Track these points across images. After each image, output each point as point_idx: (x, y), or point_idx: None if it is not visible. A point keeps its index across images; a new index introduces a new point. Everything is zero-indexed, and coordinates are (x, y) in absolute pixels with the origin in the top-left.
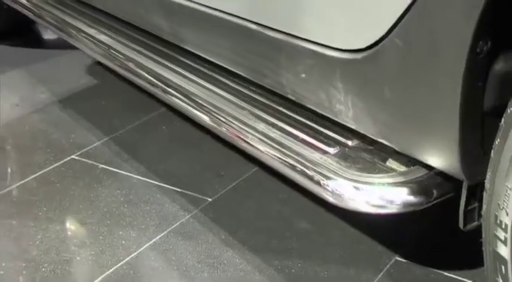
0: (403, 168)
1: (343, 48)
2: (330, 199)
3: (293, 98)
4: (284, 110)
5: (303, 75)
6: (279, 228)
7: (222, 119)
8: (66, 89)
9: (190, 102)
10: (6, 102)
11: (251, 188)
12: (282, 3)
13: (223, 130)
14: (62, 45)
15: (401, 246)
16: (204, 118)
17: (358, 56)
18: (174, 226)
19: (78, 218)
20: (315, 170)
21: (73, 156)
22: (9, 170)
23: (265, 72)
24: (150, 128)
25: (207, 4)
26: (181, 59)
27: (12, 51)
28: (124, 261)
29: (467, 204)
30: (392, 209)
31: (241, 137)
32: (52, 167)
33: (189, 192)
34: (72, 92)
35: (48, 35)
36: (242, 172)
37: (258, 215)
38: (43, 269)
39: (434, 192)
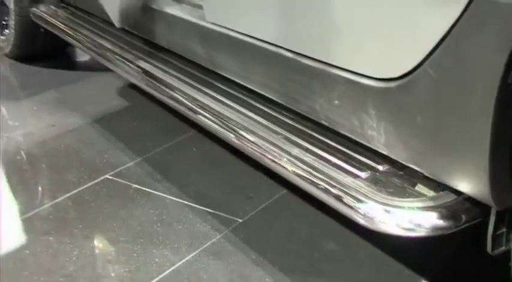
0: (432, 193)
1: (377, 77)
2: (362, 221)
3: (326, 124)
4: (317, 135)
5: (337, 102)
6: (307, 250)
7: (257, 143)
8: (98, 110)
9: (225, 126)
10: (42, 122)
11: (280, 210)
12: (317, 32)
13: (258, 154)
14: (93, 67)
15: (428, 269)
16: (239, 142)
17: (392, 84)
18: (205, 245)
19: (113, 236)
20: (347, 193)
21: (107, 176)
22: (45, 188)
23: (300, 98)
24: (181, 150)
25: (245, 32)
26: (217, 84)
27: (47, 73)
28: (157, 278)
29: (495, 229)
30: (421, 233)
31: (276, 160)
32: (86, 186)
33: (220, 213)
34: (104, 113)
35: (81, 57)
36: (271, 194)
37: (288, 236)
38: None
39: (463, 217)
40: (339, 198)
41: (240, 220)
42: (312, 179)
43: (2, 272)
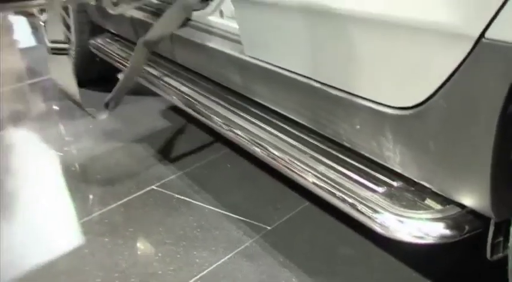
0: (439, 207)
1: (394, 105)
2: (378, 230)
3: (348, 145)
4: (340, 155)
5: (358, 126)
6: (328, 254)
7: (287, 160)
8: (144, 129)
9: (259, 145)
10: (95, 138)
11: (304, 220)
12: (342, 66)
13: (287, 170)
14: (140, 91)
15: (434, 273)
16: (271, 159)
17: (407, 112)
18: (239, 249)
19: (159, 239)
20: (366, 205)
21: (153, 187)
22: (99, 196)
23: (326, 123)
24: (217, 166)
25: (278, 64)
26: (252, 109)
27: (101, 95)
28: (198, 276)
29: (494, 238)
30: (429, 240)
31: (304, 176)
32: (135, 195)
33: (252, 221)
34: (150, 132)
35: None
36: (296, 206)
37: (310, 242)
38: (132, 280)
39: (466, 227)
40: (359, 209)
41: (269, 227)
42: (335, 192)
43: (65, 268)
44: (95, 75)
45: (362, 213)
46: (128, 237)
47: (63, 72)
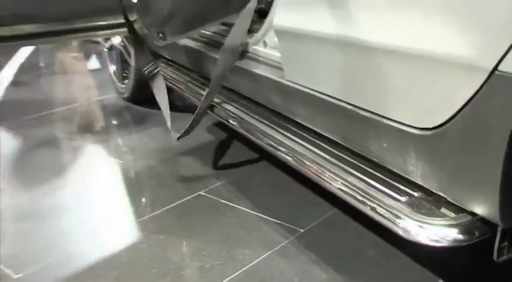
0: (453, 215)
1: (417, 126)
2: (401, 233)
3: (376, 160)
4: (369, 169)
5: (385, 144)
6: (353, 255)
7: (321, 172)
8: (193, 142)
9: (296, 158)
10: (150, 150)
11: (332, 224)
12: (371, 90)
13: (321, 180)
14: (188, 109)
15: (446, 272)
16: (306, 170)
17: (428, 133)
18: (276, 248)
19: (206, 237)
20: (391, 212)
21: (200, 192)
22: (153, 199)
23: (356, 140)
24: (256, 175)
25: (314, 88)
26: (290, 126)
27: (154, 113)
28: (241, 270)
29: (500, 242)
30: (445, 243)
31: (336, 185)
32: (185, 199)
33: (287, 224)
34: (197, 145)
35: (179, 102)
36: (325, 212)
37: (338, 244)
38: (183, 272)
39: (476, 233)
40: (384, 216)
41: (302, 230)
42: (364, 200)
43: (127, 259)
44: (150, 95)
45: (387, 219)
46: (179, 235)
47: (161, 94)
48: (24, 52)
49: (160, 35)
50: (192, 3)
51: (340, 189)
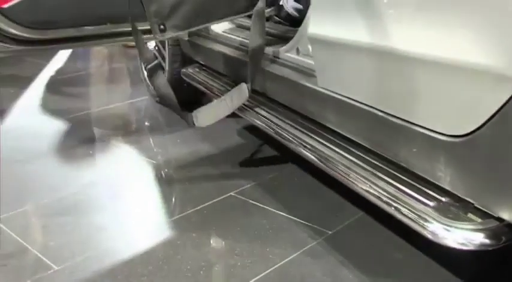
0: (480, 220)
1: (447, 133)
2: (430, 237)
3: (405, 166)
4: (398, 174)
5: (415, 150)
6: (380, 257)
7: (352, 176)
8: (224, 145)
9: (327, 162)
10: (182, 150)
11: (360, 227)
12: (402, 97)
13: (351, 184)
14: None
15: (468, 275)
16: (337, 174)
17: (458, 140)
18: (305, 248)
19: (237, 237)
20: (420, 216)
21: (231, 193)
22: (186, 199)
23: (387, 146)
24: (285, 178)
25: (346, 95)
26: (322, 131)
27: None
28: (271, 269)
29: None
30: (472, 247)
31: (366, 189)
32: (217, 199)
33: (315, 226)
34: (228, 148)
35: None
36: (352, 215)
37: (365, 246)
38: (215, 268)
39: (503, 237)
40: (413, 220)
41: (330, 232)
42: (393, 203)
43: (162, 256)
44: (183, 98)
45: (416, 222)
46: (211, 234)
47: (161, 84)
48: (62, 56)
49: (161, 27)
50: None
51: (369, 192)
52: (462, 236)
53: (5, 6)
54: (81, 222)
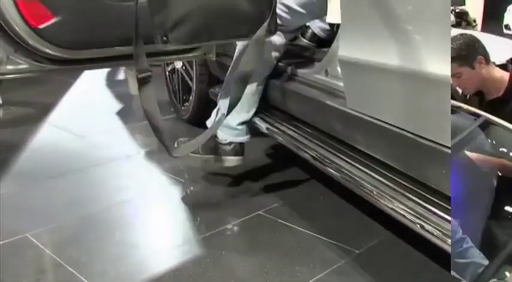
0: None
1: None
2: None
3: (434, 186)
4: (426, 194)
5: (444, 171)
6: (408, 277)
7: (381, 196)
8: (251, 164)
9: (356, 182)
10: (208, 169)
11: (386, 246)
12: (432, 120)
13: (380, 204)
14: None
15: None
16: (367, 195)
17: None
18: (333, 267)
19: (266, 255)
20: (447, 236)
21: (259, 212)
22: (215, 217)
23: (415, 166)
24: (312, 198)
25: (375, 116)
26: (350, 152)
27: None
28: None
29: None
30: None
31: (395, 209)
32: (246, 218)
33: (343, 245)
34: (255, 167)
35: None
36: (379, 235)
37: (392, 265)
38: None
39: None
40: (439, 237)
41: (357, 251)
42: (421, 223)
43: (192, 273)
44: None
45: (443, 241)
46: (240, 252)
47: (148, 97)
48: (90, 75)
49: (164, 38)
50: (201, 17)
51: (397, 211)
52: None
53: (41, 27)
54: (111, 239)
